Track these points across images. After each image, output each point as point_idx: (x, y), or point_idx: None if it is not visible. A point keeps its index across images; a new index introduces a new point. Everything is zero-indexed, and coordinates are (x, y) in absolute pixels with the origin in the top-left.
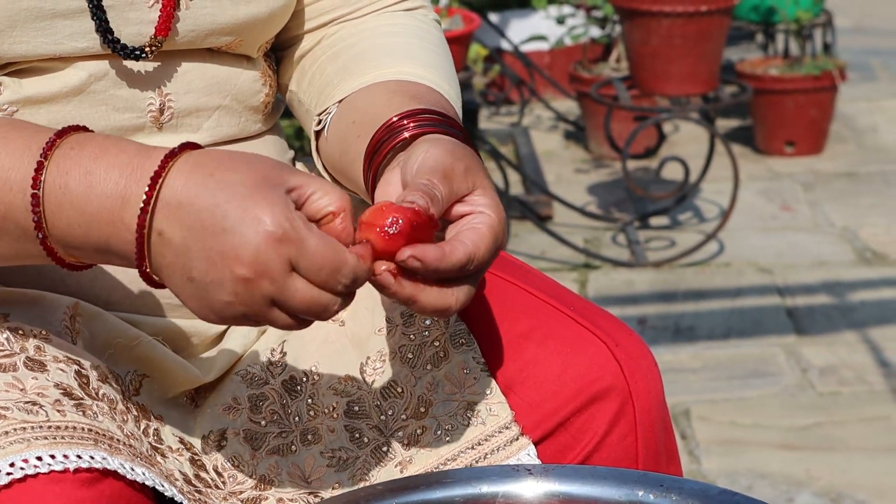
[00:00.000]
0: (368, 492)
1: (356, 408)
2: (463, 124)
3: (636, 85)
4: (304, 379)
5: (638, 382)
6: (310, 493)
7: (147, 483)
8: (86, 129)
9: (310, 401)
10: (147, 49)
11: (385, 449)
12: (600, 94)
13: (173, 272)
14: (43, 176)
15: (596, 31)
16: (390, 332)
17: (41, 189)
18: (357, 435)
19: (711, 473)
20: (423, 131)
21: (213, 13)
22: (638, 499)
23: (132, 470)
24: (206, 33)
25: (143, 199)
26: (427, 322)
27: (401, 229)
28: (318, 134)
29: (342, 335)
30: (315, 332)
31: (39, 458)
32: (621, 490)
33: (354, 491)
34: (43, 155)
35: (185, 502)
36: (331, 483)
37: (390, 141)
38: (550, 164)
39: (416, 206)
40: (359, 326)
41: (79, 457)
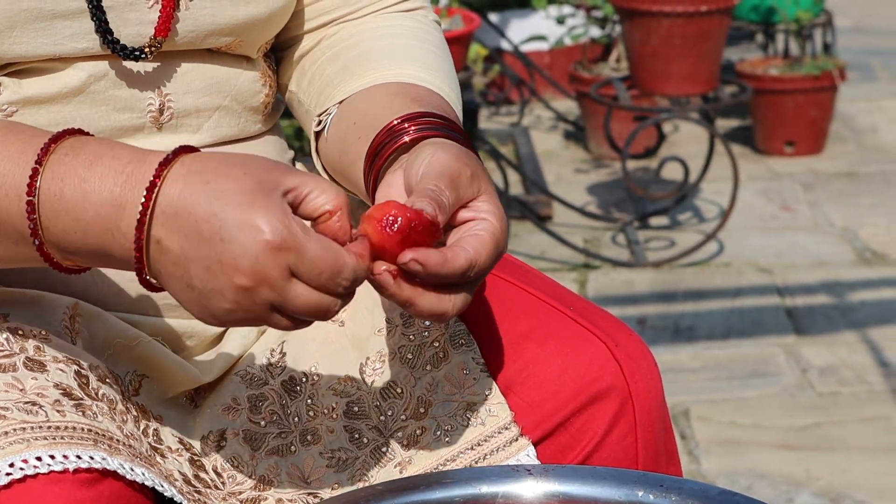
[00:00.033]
0: (368, 492)
1: (356, 408)
2: (463, 124)
3: (636, 85)
4: (304, 379)
5: (638, 383)
6: (309, 494)
7: (147, 483)
8: (82, 133)
9: (309, 401)
10: (146, 50)
11: (384, 449)
12: (600, 94)
13: (173, 279)
14: (38, 182)
15: (596, 31)
16: (390, 332)
17: (36, 196)
18: (356, 435)
19: (711, 473)
20: (423, 135)
21: (212, 14)
22: (638, 499)
23: (132, 470)
24: (206, 34)
25: (139, 209)
26: (427, 322)
27: (400, 227)
28: (317, 135)
29: (342, 336)
30: (315, 332)
31: (39, 459)
32: (621, 490)
33: (354, 491)
34: (38, 161)
35: (185, 503)
36: (330, 483)
37: (391, 144)
38: (550, 164)
39: (426, 214)
40: (358, 327)
41: (78, 457)
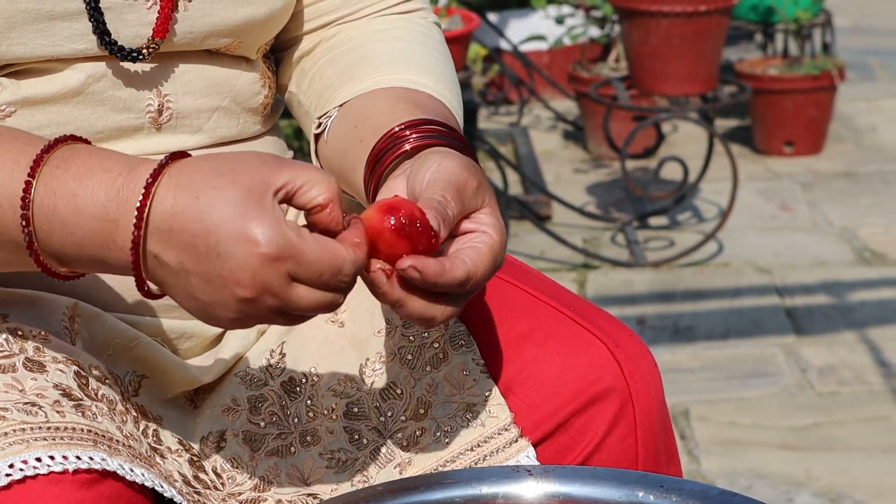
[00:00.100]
0: (368, 493)
1: (355, 409)
2: (462, 124)
3: (635, 85)
4: (304, 380)
5: (638, 383)
6: (309, 495)
7: (146, 484)
8: (74, 139)
9: (309, 402)
10: (144, 51)
11: (384, 450)
12: (599, 93)
13: (176, 290)
14: (31, 195)
15: (595, 31)
16: (390, 333)
17: (30, 209)
18: (356, 436)
19: (711, 474)
20: (425, 143)
21: (211, 15)
22: (638, 500)
23: (131, 471)
24: (205, 35)
25: (132, 229)
26: None
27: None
28: (317, 137)
29: (341, 336)
30: (314, 333)
31: (39, 460)
32: (621, 491)
33: (354, 492)
34: (30, 174)
35: (184, 503)
36: (330, 484)
37: (393, 150)
38: (549, 164)
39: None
40: (358, 328)
41: (78, 458)
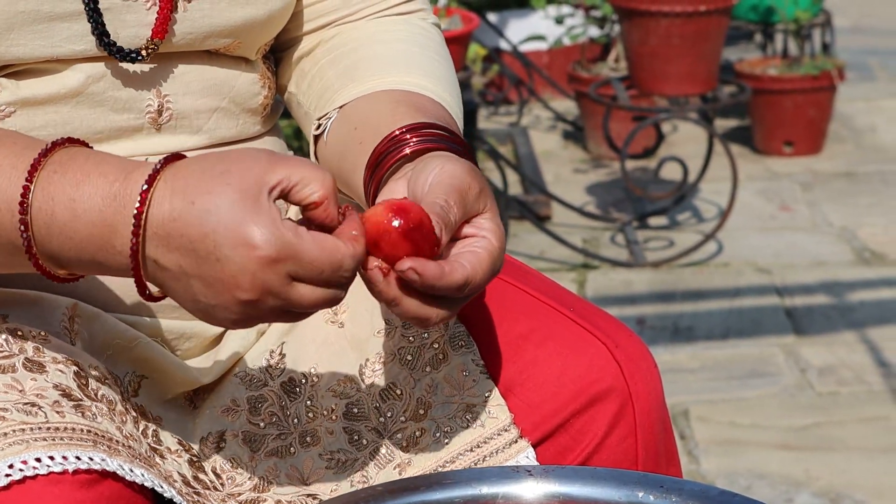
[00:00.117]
0: (368, 493)
1: (355, 410)
2: (462, 127)
3: (635, 85)
4: (303, 381)
5: (638, 384)
6: (308, 495)
7: (146, 484)
8: (72, 142)
9: (309, 402)
10: (143, 51)
11: (384, 451)
12: (599, 93)
13: (177, 293)
14: (29, 200)
15: (594, 31)
16: (389, 333)
17: (29, 214)
18: (356, 437)
19: (710, 474)
20: (425, 147)
21: (210, 15)
22: (638, 500)
23: (131, 471)
24: (204, 35)
25: (130, 236)
26: None
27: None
28: (316, 138)
29: (341, 337)
30: (314, 333)
31: (38, 460)
32: (621, 491)
33: (354, 492)
34: (28, 178)
35: (184, 503)
36: (329, 484)
37: (394, 154)
38: (549, 164)
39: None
40: (358, 328)
41: (78, 458)
